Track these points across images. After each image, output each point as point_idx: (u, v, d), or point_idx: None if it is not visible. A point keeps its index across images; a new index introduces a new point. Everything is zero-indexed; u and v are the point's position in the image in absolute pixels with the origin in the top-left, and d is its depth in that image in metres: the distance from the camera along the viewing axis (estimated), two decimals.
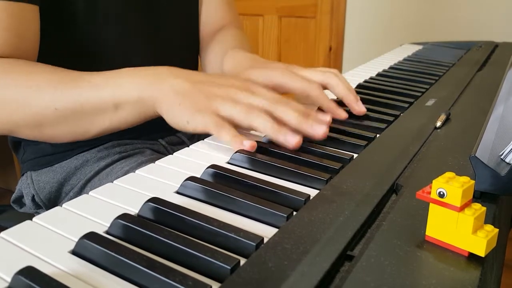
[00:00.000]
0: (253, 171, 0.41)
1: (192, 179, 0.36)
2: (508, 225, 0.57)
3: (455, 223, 0.26)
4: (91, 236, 0.28)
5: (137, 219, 0.30)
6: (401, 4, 1.87)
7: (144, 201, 0.32)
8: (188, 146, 0.46)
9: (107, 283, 0.25)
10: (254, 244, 0.28)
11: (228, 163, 0.42)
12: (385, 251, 0.27)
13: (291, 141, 0.44)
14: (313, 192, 0.36)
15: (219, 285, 0.24)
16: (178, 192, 0.36)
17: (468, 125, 0.50)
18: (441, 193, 0.26)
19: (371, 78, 0.76)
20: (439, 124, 0.49)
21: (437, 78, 0.75)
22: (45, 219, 0.32)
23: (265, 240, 0.28)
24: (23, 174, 0.69)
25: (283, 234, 0.29)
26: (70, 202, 0.34)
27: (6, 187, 1.83)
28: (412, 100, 0.61)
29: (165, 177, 0.39)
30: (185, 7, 0.74)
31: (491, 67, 0.84)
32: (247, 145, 0.43)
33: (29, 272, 0.25)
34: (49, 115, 0.48)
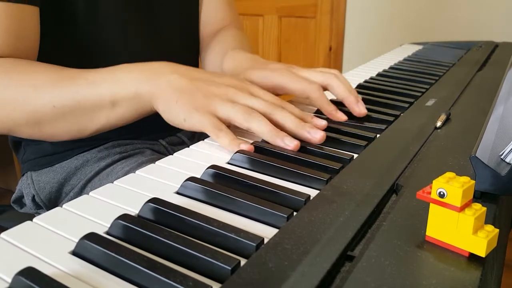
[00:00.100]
0: (253, 171, 0.41)
1: (192, 179, 0.36)
2: (508, 225, 0.57)
3: (455, 223, 0.26)
4: (91, 236, 0.28)
5: (137, 219, 0.30)
6: (401, 4, 1.87)
7: (144, 202, 0.32)
8: (188, 146, 0.46)
9: (108, 284, 0.25)
10: (255, 245, 0.28)
11: (228, 163, 0.42)
12: (385, 251, 0.27)
13: (289, 145, 0.44)
14: (313, 192, 0.36)
15: (219, 285, 0.24)
16: (178, 193, 0.36)
17: (468, 125, 0.50)
18: (441, 193, 0.26)
19: (371, 78, 0.76)
20: (439, 124, 0.49)
21: (437, 78, 0.75)
22: (45, 219, 0.32)
23: (266, 241, 0.28)
24: (23, 174, 0.69)
25: (283, 234, 0.29)
26: (70, 203, 0.34)
27: (6, 187, 1.83)
28: (412, 100, 0.61)
29: (165, 177, 0.39)
30: (185, 7, 0.74)
31: (491, 67, 0.84)
32: (244, 149, 0.43)
33: (29, 273, 0.25)
34: (48, 113, 0.48)
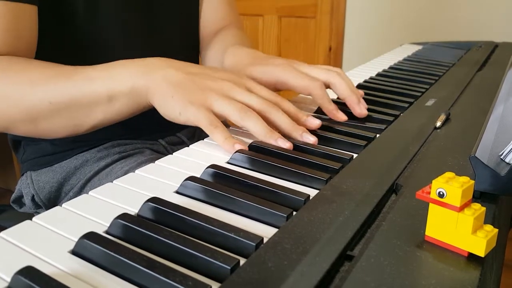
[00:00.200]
0: (253, 171, 0.41)
1: (192, 179, 0.36)
2: (507, 225, 0.57)
3: (454, 223, 0.26)
4: (90, 236, 0.28)
5: (137, 219, 0.30)
6: (401, 4, 1.87)
7: (144, 201, 0.32)
8: (188, 146, 0.46)
9: (107, 283, 0.25)
10: (254, 244, 0.28)
11: (228, 163, 0.42)
12: (385, 251, 0.27)
13: (282, 145, 0.44)
14: (313, 192, 0.36)
15: (219, 285, 0.24)
16: (178, 192, 0.36)
17: (468, 125, 0.50)
18: (441, 193, 0.26)
19: (371, 78, 0.76)
20: (439, 124, 0.49)
21: (437, 78, 0.75)
22: (44, 219, 0.32)
23: (265, 240, 0.28)
24: (23, 174, 0.69)
25: (283, 234, 0.29)
26: (69, 202, 0.34)
27: (6, 187, 1.83)
28: (412, 100, 0.61)
29: (165, 177, 0.39)
30: (185, 7, 0.74)
31: (491, 67, 0.84)
32: (238, 149, 0.43)
33: (28, 272, 0.25)
34: (44, 109, 0.48)
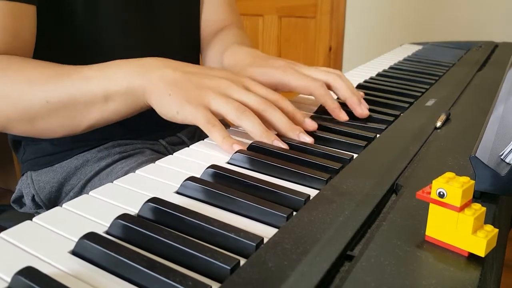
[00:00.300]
0: (253, 171, 0.41)
1: (192, 179, 0.36)
2: (508, 225, 0.57)
3: (455, 223, 0.26)
4: (91, 236, 0.28)
5: (137, 219, 0.30)
6: (401, 4, 1.87)
7: (144, 201, 0.32)
8: (188, 146, 0.46)
9: (107, 283, 0.25)
10: (254, 244, 0.28)
11: (228, 163, 0.42)
12: (385, 251, 0.27)
13: (278, 146, 0.44)
14: (313, 192, 0.36)
15: (219, 285, 0.24)
16: (178, 192, 0.36)
17: (468, 125, 0.50)
18: (441, 193, 0.26)
19: (371, 78, 0.76)
20: (439, 124, 0.49)
21: (437, 78, 0.75)
22: (45, 219, 0.32)
23: (265, 240, 0.28)
24: (23, 174, 0.69)
25: (283, 234, 0.29)
26: (70, 202, 0.34)
27: (6, 187, 1.83)
28: (412, 100, 0.61)
29: (165, 177, 0.39)
30: (186, 7, 0.74)
31: (491, 67, 0.84)
32: (236, 149, 0.43)
33: (29, 272, 0.25)
34: (41, 108, 0.48)
